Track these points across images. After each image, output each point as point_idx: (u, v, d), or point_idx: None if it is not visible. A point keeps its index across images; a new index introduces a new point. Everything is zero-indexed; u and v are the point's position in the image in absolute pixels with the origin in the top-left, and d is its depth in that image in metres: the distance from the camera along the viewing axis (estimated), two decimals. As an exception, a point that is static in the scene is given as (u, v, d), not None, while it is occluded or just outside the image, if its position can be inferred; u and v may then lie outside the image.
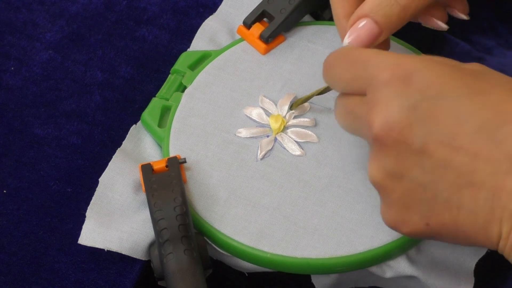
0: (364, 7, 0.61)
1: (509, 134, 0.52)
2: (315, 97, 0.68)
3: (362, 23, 0.61)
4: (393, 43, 0.71)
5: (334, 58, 0.59)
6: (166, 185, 0.63)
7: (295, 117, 0.68)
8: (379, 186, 0.57)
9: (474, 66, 0.56)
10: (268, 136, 0.67)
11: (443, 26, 0.65)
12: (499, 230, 0.53)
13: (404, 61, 0.55)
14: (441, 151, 0.53)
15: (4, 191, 0.68)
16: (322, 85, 0.68)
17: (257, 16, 0.71)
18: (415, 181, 0.55)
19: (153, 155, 0.69)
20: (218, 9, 0.75)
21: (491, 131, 0.52)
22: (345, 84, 0.58)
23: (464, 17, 0.66)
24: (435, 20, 0.65)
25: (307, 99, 0.67)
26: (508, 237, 0.53)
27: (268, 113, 0.68)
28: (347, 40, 0.62)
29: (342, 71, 0.58)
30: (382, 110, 0.55)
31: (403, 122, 0.54)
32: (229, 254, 0.64)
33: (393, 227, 0.57)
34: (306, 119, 0.68)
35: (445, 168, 0.53)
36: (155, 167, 0.65)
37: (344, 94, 0.59)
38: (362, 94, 0.57)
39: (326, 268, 0.63)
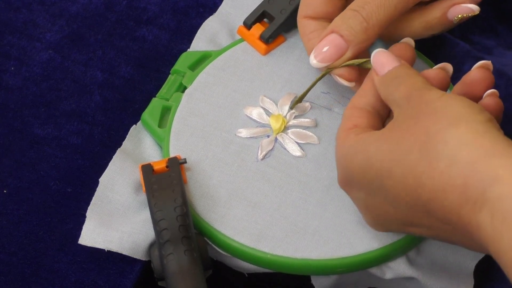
0: (331, 25, 0.63)
1: (428, 205, 0.54)
2: (316, 97, 0.68)
3: (328, 38, 0.63)
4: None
5: None
6: (166, 186, 0.63)
7: (295, 117, 0.68)
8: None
9: (397, 108, 0.57)
10: (268, 136, 0.67)
11: (474, 8, 0.64)
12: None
13: (340, 166, 0.59)
14: (409, 229, 0.58)
15: (4, 191, 0.68)
16: (322, 84, 0.69)
17: (258, 17, 0.71)
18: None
19: (153, 155, 0.69)
20: (218, 9, 0.74)
21: (418, 208, 0.55)
22: None
23: (474, 8, 0.65)
24: (463, 5, 0.64)
25: (305, 94, 0.67)
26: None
27: (268, 113, 0.68)
28: (313, 59, 0.63)
29: None
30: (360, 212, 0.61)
31: (373, 221, 0.60)
32: (229, 255, 0.64)
33: None
34: (307, 120, 0.68)
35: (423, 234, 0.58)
36: (156, 167, 0.65)
37: None
38: None
39: (326, 269, 0.63)
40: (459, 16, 0.64)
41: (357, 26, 0.62)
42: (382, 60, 0.60)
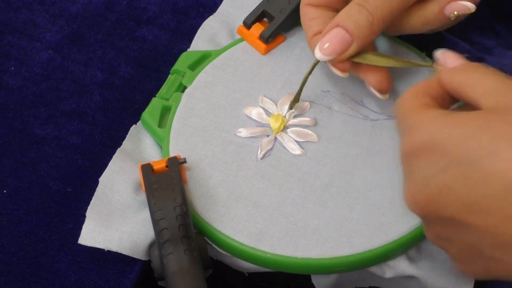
0: (335, 19, 0.63)
1: None
2: (315, 96, 0.68)
3: (333, 32, 0.62)
4: (393, 44, 0.71)
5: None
6: (166, 185, 0.63)
7: (295, 117, 0.68)
8: (437, 246, 0.57)
9: (491, 99, 0.53)
10: (268, 136, 0.67)
11: (470, 6, 0.64)
12: None
13: (423, 127, 0.54)
14: (471, 217, 0.52)
15: (4, 191, 0.68)
16: (321, 83, 0.69)
17: (257, 16, 0.71)
18: (461, 242, 0.54)
19: (153, 155, 0.69)
20: (218, 9, 0.75)
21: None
22: None
23: (470, 6, 0.64)
24: (460, 2, 0.64)
25: (299, 92, 0.67)
26: None
27: (268, 113, 0.68)
28: (318, 52, 0.63)
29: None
30: (406, 186, 0.55)
31: (424, 198, 0.54)
32: (229, 254, 0.64)
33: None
34: (306, 119, 0.68)
35: (479, 231, 0.52)
36: (155, 167, 0.65)
37: None
38: None
39: (326, 268, 0.63)
40: (456, 13, 0.64)
41: (362, 20, 0.62)
42: (450, 55, 0.59)
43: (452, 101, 0.58)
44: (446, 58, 0.59)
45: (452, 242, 0.55)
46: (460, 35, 0.77)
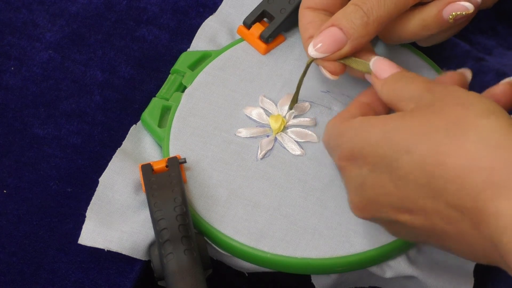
0: (331, 19, 0.63)
1: (442, 187, 0.52)
2: (315, 96, 0.68)
3: (328, 30, 0.63)
4: (395, 46, 0.71)
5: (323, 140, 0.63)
6: (166, 185, 0.63)
7: (295, 117, 0.68)
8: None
9: (411, 103, 0.57)
10: (268, 136, 0.67)
11: (469, 6, 0.64)
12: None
13: (346, 136, 0.58)
14: (400, 216, 0.56)
15: (4, 191, 0.68)
16: (321, 84, 0.69)
17: (257, 16, 0.71)
18: (403, 232, 0.58)
19: (153, 155, 0.69)
20: (218, 9, 0.75)
21: (428, 189, 0.53)
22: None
23: (469, 6, 0.64)
24: (458, 3, 0.64)
25: (297, 92, 0.67)
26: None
27: (268, 113, 0.68)
28: (312, 49, 0.63)
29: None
30: (349, 197, 0.59)
31: (362, 204, 0.58)
32: (229, 254, 0.64)
33: None
34: (306, 119, 0.68)
35: (411, 227, 0.56)
36: (155, 167, 0.65)
37: None
38: None
39: (326, 268, 0.63)
40: (453, 14, 0.64)
41: (357, 20, 0.62)
42: (383, 65, 0.61)
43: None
44: (377, 67, 0.61)
45: (403, 235, 0.59)
46: (460, 35, 0.77)
